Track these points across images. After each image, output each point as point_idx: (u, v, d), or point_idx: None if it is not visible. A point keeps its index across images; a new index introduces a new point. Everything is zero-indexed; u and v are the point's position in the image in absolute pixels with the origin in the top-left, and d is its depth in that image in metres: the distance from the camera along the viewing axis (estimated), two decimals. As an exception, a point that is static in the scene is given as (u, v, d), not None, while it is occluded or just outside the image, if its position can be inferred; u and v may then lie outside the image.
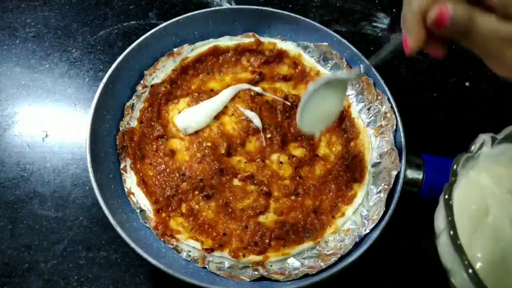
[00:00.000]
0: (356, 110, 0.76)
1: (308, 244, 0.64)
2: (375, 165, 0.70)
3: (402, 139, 0.68)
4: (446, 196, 0.39)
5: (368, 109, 0.75)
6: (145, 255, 0.58)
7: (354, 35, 0.93)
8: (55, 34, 0.89)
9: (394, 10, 0.96)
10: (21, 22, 0.90)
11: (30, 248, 0.67)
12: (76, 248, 0.67)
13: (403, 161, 0.66)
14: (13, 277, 0.65)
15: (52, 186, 0.72)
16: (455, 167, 0.39)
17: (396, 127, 0.70)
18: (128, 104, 0.73)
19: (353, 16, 0.96)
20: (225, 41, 0.81)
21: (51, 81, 0.83)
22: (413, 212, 0.70)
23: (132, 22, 0.92)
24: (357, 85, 0.76)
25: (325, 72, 0.80)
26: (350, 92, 0.78)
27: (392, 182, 0.65)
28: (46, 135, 0.77)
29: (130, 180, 0.68)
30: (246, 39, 0.81)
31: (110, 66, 0.71)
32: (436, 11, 0.35)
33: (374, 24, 0.95)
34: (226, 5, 0.95)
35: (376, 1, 0.98)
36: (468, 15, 0.35)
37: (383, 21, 0.95)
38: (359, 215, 0.66)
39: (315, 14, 0.96)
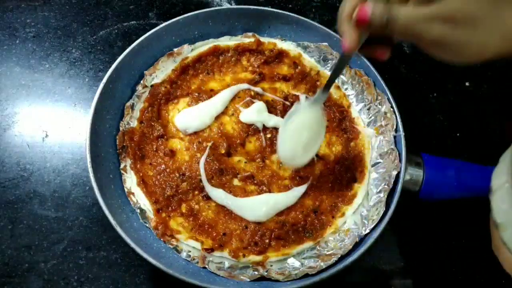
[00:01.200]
0: (356, 110, 0.76)
1: (308, 244, 0.64)
2: (375, 165, 0.70)
3: (402, 139, 0.68)
4: None
5: (368, 109, 0.75)
6: (145, 255, 0.58)
7: (354, 35, 0.93)
8: (55, 34, 0.89)
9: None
10: (21, 22, 0.90)
11: (30, 248, 0.67)
12: (76, 248, 0.67)
13: (403, 161, 0.66)
14: (13, 277, 0.65)
15: (52, 186, 0.72)
16: None
17: (396, 127, 0.70)
18: (128, 104, 0.73)
19: (353, 16, 0.96)
20: (225, 41, 0.81)
21: (51, 81, 0.83)
22: (413, 212, 0.70)
23: (132, 22, 0.92)
24: (357, 85, 0.76)
25: (325, 72, 0.80)
26: (350, 92, 0.78)
27: (392, 182, 0.65)
28: (46, 135, 0.77)
29: (130, 180, 0.68)
30: (246, 39, 0.81)
31: (110, 66, 0.71)
32: (357, 11, 0.40)
33: (374, 24, 0.95)
34: (226, 5, 0.95)
35: (376, 1, 0.98)
36: (386, 9, 0.40)
37: (383, 21, 0.95)
38: (359, 215, 0.66)
39: (315, 14, 0.96)
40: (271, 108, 0.75)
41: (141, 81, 0.75)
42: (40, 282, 0.65)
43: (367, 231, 0.62)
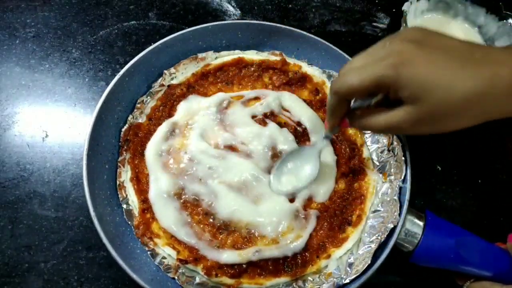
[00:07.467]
0: (369, 150, 0.72)
1: (284, 279, 0.61)
2: (374, 212, 0.66)
3: (407, 193, 0.63)
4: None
5: (381, 152, 0.70)
6: (113, 253, 0.57)
7: (354, 35, 0.93)
8: (55, 34, 0.89)
9: (394, 10, 0.96)
10: (21, 22, 0.90)
11: (30, 248, 0.67)
12: (76, 248, 0.67)
13: (402, 216, 0.61)
14: (13, 277, 0.65)
15: (52, 186, 0.72)
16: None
17: (405, 178, 0.66)
18: (141, 99, 0.73)
19: (353, 16, 0.96)
20: (251, 55, 0.79)
21: (51, 81, 0.83)
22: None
23: (132, 22, 0.92)
24: None
25: None
26: (367, 131, 0.73)
27: (386, 236, 0.61)
28: (46, 135, 0.77)
29: (125, 175, 0.68)
30: (272, 57, 0.79)
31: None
32: (342, 123, 0.58)
33: (374, 24, 0.95)
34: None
35: (376, 1, 0.98)
36: (362, 123, 0.54)
37: (383, 21, 0.95)
38: (345, 261, 0.62)
39: (315, 14, 0.96)
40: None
41: (159, 80, 0.75)
42: (40, 282, 0.65)
43: (347, 281, 0.59)
